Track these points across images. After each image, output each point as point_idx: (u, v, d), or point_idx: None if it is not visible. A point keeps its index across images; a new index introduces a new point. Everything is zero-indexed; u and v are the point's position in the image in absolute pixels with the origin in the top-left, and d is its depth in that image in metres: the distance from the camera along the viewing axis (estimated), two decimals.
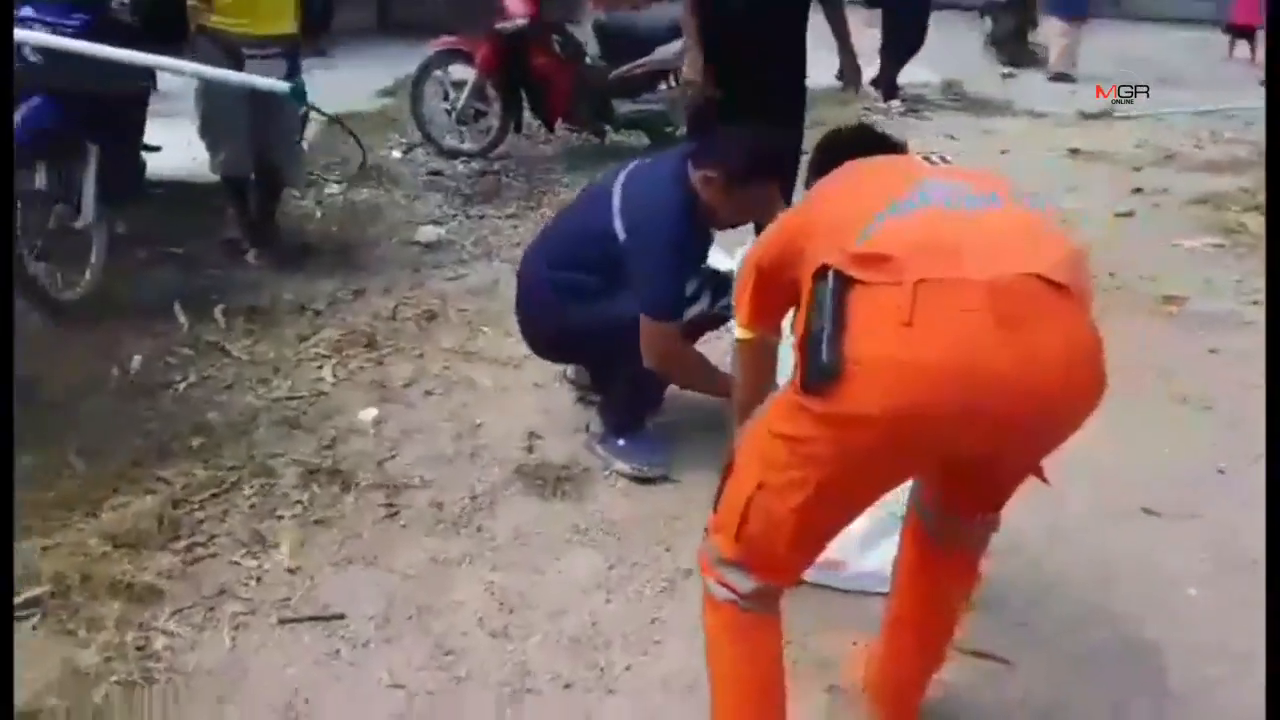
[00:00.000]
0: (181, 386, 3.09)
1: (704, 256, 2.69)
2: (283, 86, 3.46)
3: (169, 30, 3.72)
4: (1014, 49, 9.05)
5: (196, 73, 3.50)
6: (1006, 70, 8.87)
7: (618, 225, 2.51)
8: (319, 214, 4.70)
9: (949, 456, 1.54)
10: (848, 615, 2.20)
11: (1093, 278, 1.56)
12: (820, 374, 1.40)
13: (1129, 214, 5.10)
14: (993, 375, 1.36)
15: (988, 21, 9.30)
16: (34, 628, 2.10)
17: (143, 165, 3.95)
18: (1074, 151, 6.30)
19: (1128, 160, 6.13)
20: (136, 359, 3.20)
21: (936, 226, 1.46)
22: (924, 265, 1.39)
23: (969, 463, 1.59)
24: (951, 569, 1.78)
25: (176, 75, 3.70)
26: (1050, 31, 8.88)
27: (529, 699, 1.99)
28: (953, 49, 8.54)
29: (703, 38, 3.43)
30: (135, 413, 2.93)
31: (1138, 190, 5.45)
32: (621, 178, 2.64)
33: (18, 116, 3.27)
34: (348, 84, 7.16)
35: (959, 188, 1.55)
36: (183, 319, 3.48)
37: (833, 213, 1.60)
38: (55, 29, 3.31)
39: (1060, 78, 8.51)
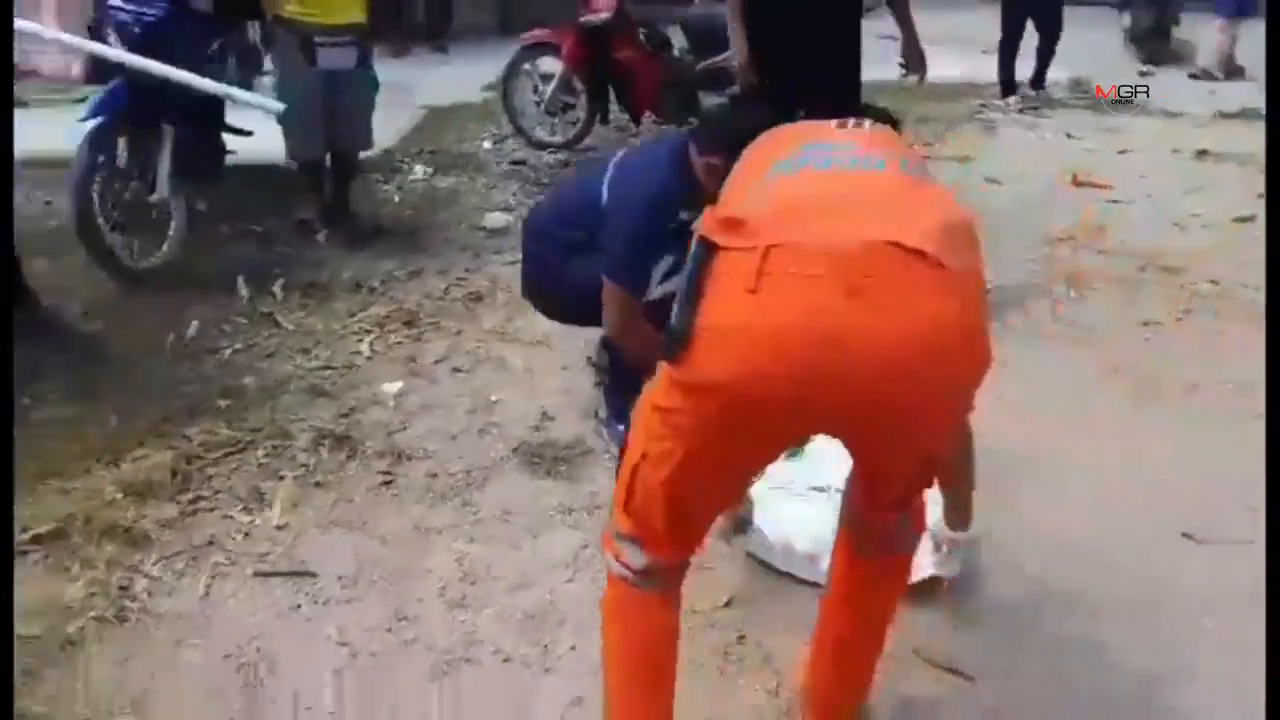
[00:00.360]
0: (227, 352, 3.26)
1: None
2: (276, 106, 3.55)
3: (245, 18, 3.93)
4: (1153, 46, 8.48)
5: (190, 81, 3.55)
6: (1144, 68, 8.32)
7: (604, 189, 2.50)
8: (397, 198, 4.86)
9: (818, 433, 1.48)
10: (814, 616, 2.12)
11: (979, 250, 1.46)
12: (672, 340, 1.37)
13: (1249, 218, 4.72)
14: (836, 345, 1.29)
15: (1126, 17, 8.75)
16: (35, 562, 2.26)
17: (223, 147, 4.18)
18: (1202, 153, 5.87)
19: (1261, 163, 5.66)
20: (194, 325, 3.39)
21: (804, 189, 1.42)
22: (777, 229, 1.34)
23: (853, 449, 1.52)
24: (870, 573, 1.69)
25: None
26: (1209, 28, 8.29)
27: (466, 669, 2.01)
28: (1087, 45, 8.08)
29: (747, 21, 3.36)
30: (179, 374, 3.11)
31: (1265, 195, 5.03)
32: (625, 150, 2.64)
33: (95, 99, 3.54)
34: (460, 79, 7.40)
35: (843, 149, 1.49)
36: (244, 291, 3.66)
37: (733, 182, 1.57)
38: (138, 18, 3.57)
39: (1204, 75, 7.93)
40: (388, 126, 5.60)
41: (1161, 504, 2.55)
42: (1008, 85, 7.16)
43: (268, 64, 4.53)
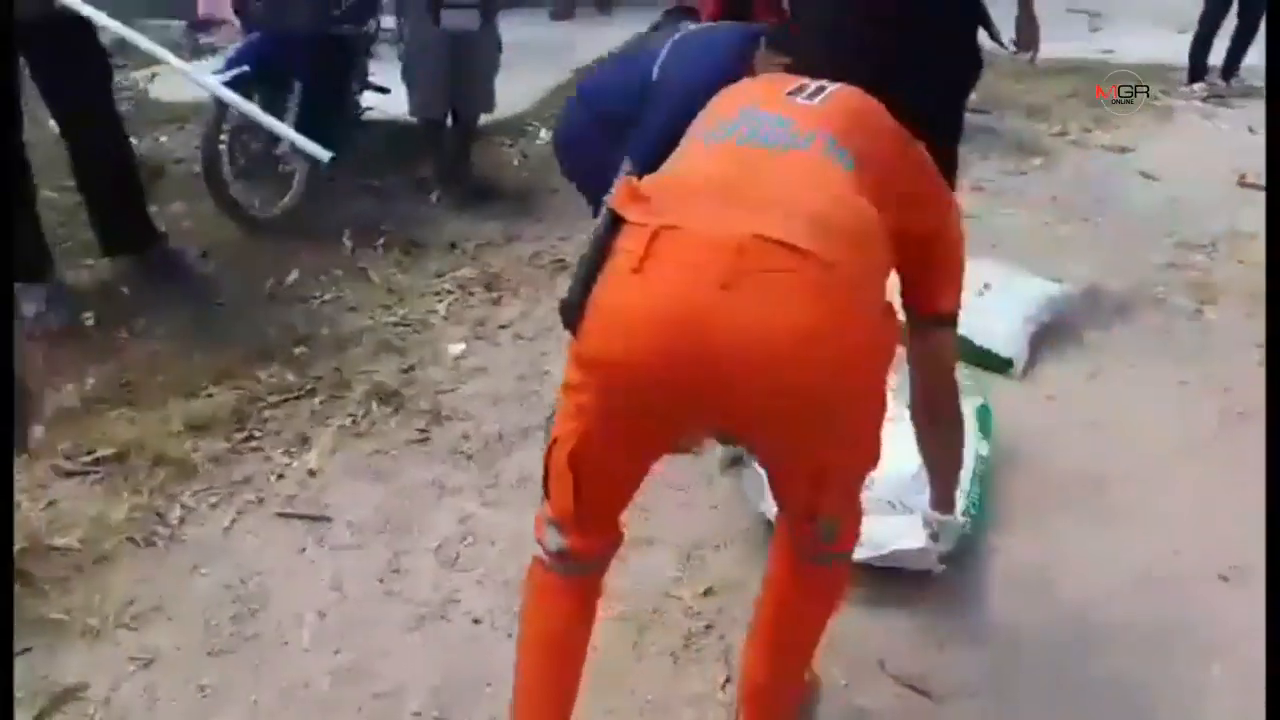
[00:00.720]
0: (316, 302, 3.47)
1: None
2: (322, 154, 3.32)
3: None
4: None
5: (174, 66, 3.30)
6: None
7: (656, 66, 2.38)
8: (516, 161, 4.98)
9: (710, 427, 1.46)
10: None
11: (885, 250, 1.43)
12: (566, 309, 1.41)
13: None
14: (704, 337, 1.28)
15: None
16: (93, 482, 2.51)
17: (355, 105, 4.41)
18: None
19: None
20: (294, 274, 3.62)
21: (713, 166, 1.41)
22: (672, 210, 1.33)
23: (752, 451, 1.50)
24: (793, 575, 1.67)
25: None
26: None
27: (437, 624, 2.10)
28: None
29: None
30: (269, 318, 3.33)
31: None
32: (682, 31, 2.48)
33: (230, 51, 3.81)
34: (617, 41, 7.44)
35: (777, 123, 1.46)
36: (348, 244, 3.87)
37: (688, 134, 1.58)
38: None
39: None
40: (529, 88, 5.73)
41: (1212, 538, 2.36)
42: (1196, 70, 6.54)
43: None
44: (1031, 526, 2.42)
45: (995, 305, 3.13)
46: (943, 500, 2.04)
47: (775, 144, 1.43)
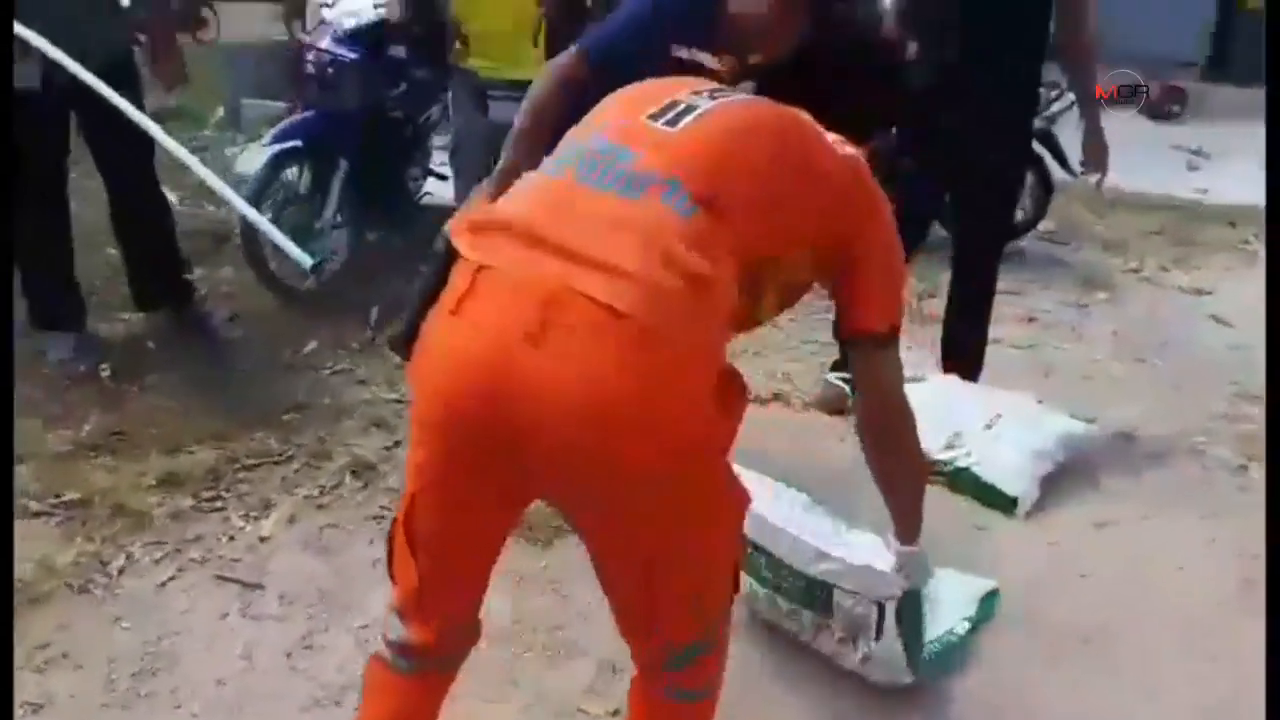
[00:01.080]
0: (326, 373, 3.52)
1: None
2: (304, 258, 3.04)
3: (434, 60, 4.28)
4: None
5: (231, 201, 3.16)
6: None
7: None
8: None
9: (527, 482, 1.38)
10: None
11: (718, 318, 1.34)
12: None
13: None
14: (507, 386, 1.22)
15: None
16: (57, 524, 2.55)
17: (406, 187, 4.55)
18: None
19: None
20: (312, 344, 3.69)
21: (544, 205, 1.34)
22: (495, 248, 1.28)
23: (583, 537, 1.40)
24: (640, 704, 1.56)
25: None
26: None
27: (328, 709, 2.03)
28: None
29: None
30: (276, 384, 3.39)
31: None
32: None
33: (281, 125, 3.99)
34: None
35: (620, 156, 1.35)
36: (373, 320, 3.93)
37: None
38: (334, 58, 4.02)
39: None
40: None
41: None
42: None
43: None
44: (1010, 678, 2.22)
45: (1005, 437, 2.96)
46: (906, 532, 1.83)
47: (609, 187, 1.32)
